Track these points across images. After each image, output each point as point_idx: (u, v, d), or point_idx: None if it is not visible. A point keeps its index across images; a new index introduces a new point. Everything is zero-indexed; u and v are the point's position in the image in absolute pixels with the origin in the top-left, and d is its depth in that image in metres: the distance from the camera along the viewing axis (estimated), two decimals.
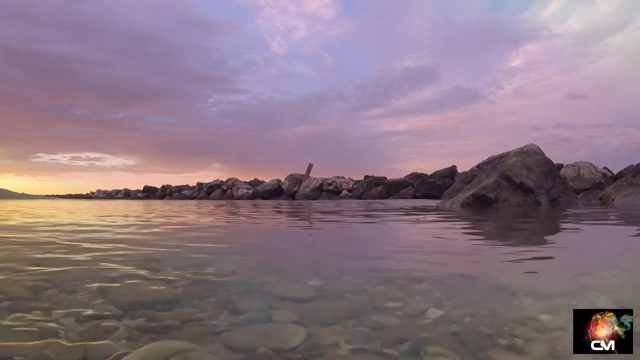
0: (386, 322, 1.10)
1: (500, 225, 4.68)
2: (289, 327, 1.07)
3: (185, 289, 1.43)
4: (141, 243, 2.75)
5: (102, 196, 48.28)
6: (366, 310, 1.19)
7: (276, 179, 36.92)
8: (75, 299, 1.30)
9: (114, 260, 1.98)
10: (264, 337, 1.00)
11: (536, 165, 10.19)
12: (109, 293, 1.37)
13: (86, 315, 1.15)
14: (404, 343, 0.95)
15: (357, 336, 1.00)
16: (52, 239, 2.93)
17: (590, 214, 6.00)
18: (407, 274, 1.66)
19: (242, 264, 1.98)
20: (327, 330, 1.04)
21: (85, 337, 0.99)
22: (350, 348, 0.94)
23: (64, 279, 1.56)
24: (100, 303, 1.27)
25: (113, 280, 1.55)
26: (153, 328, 1.06)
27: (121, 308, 1.21)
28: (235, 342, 0.98)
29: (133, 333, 1.02)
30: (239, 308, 1.22)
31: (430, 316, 1.13)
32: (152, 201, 23.56)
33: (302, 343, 0.96)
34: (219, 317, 1.15)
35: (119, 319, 1.13)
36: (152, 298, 1.32)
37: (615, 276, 1.65)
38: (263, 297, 1.33)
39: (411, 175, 29.98)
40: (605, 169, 22.88)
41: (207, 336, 1.02)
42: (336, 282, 1.59)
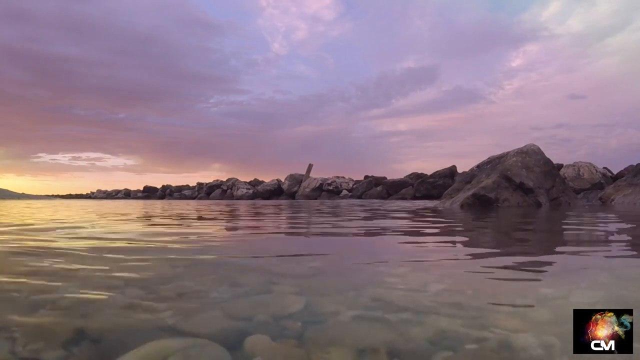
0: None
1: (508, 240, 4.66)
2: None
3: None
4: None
5: (102, 196, 48.33)
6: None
7: (276, 179, 36.97)
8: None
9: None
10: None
11: (536, 165, 10.20)
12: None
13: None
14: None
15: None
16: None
17: (592, 220, 5.98)
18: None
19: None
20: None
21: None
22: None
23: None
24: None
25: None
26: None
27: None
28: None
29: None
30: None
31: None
32: (152, 201, 23.57)
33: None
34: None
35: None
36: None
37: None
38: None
39: (411, 175, 30.03)
40: (605, 169, 22.92)
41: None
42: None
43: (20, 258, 1.93)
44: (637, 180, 11.49)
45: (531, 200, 9.55)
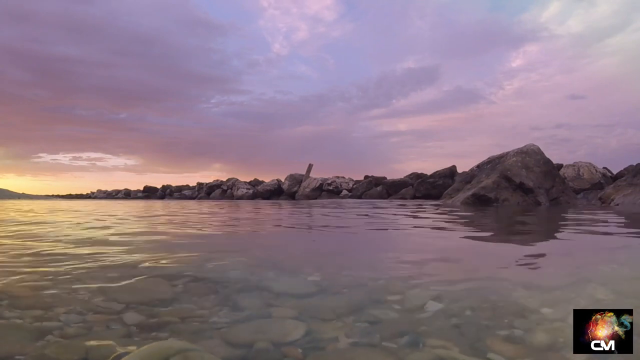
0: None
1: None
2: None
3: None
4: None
5: (102, 196, 48.31)
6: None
7: (276, 179, 36.96)
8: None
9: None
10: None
11: (536, 165, 10.20)
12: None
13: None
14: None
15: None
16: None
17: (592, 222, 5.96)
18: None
19: None
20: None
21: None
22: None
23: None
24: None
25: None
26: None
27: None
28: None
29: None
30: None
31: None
32: (152, 201, 23.56)
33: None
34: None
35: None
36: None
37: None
38: None
39: (411, 175, 30.01)
40: (605, 169, 22.90)
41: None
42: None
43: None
44: (637, 180, 11.49)
45: (531, 200, 9.55)
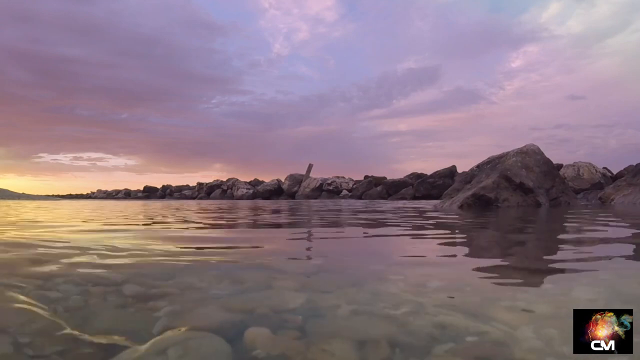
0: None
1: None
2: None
3: None
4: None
5: (102, 196, 48.34)
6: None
7: (276, 179, 36.96)
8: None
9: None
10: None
11: (536, 165, 10.20)
12: None
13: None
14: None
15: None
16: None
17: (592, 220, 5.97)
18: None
19: None
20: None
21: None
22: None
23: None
24: None
25: None
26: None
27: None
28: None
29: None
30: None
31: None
32: (151, 201, 23.56)
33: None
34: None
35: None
36: None
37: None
38: None
39: (411, 175, 30.04)
40: (605, 169, 22.93)
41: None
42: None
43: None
44: (636, 180, 11.50)
45: (531, 200, 9.55)
